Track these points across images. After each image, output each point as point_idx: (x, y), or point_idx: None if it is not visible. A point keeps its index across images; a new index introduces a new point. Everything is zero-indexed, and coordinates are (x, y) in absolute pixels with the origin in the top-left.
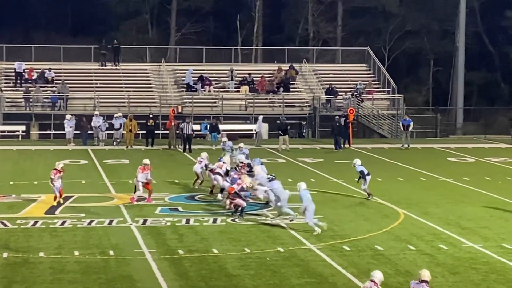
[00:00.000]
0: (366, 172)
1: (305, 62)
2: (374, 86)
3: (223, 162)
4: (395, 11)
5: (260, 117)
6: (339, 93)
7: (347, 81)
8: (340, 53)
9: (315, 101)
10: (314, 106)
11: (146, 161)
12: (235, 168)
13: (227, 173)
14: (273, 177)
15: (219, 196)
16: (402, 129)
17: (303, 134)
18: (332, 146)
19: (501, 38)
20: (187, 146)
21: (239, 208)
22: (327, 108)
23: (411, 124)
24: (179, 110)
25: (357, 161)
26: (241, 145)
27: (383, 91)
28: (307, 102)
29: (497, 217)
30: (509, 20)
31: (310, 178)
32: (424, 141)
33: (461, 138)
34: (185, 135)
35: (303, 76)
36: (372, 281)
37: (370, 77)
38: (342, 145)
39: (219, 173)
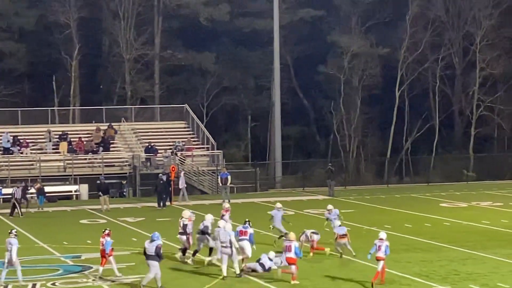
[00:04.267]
0: None
1: (123, 121)
2: (194, 143)
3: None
4: (211, 68)
5: (182, 173)
6: (159, 151)
7: (167, 138)
8: (159, 111)
9: (135, 159)
10: (134, 164)
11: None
12: None
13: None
14: None
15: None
16: (221, 183)
17: (124, 193)
18: (154, 204)
19: (315, 92)
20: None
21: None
22: (147, 167)
23: (229, 177)
24: None
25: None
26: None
27: (203, 148)
28: (127, 161)
29: (317, 268)
30: (322, 75)
31: (132, 238)
32: (245, 195)
33: (280, 191)
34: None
35: (122, 135)
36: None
37: (189, 134)
38: (167, 203)
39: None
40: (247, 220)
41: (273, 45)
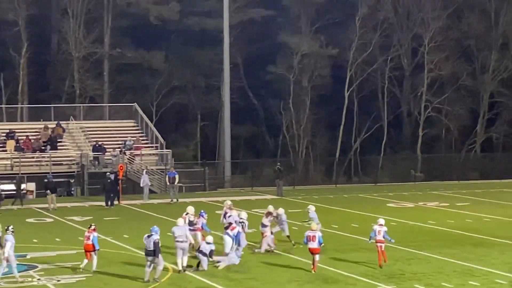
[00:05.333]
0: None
1: (72, 120)
2: (143, 142)
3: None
4: (161, 67)
5: (144, 171)
6: (108, 150)
7: (116, 137)
8: (108, 110)
9: (83, 158)
10: (82, 163)
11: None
12: None
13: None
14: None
15: None
16: (168, 182)
17: (72, 192)
18: (102, 203)
19: (265, 92)
20: None
21: None
22: (95, 165)
23: (177, 176)
24: None
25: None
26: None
27: (151, 147)
28: (75, 160)
29: (263, 266)
30: (272, 75)
31: (78, 237)
32: (193, 195)
33: (229, 191)
34: None
35: (71, 134)
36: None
37: (138, 133)
38: (114, 202)
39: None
40: (241, 218)
41: (223, 45)
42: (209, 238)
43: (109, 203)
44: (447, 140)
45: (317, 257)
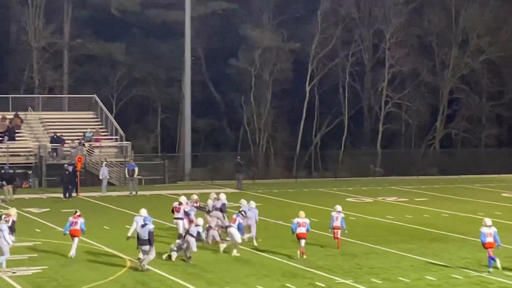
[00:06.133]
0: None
1: (30, 110)
2: (102, 133)
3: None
4: (122, 59)
5: (103, 163)
6: (66, 141)
7: (75, 129)
8: (67, 101)
9: (41, 149)
10: (40, 154)
11: None
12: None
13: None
14: None
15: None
16: (128, 175)
17: (29, 183)
18: (60, 195)
19: (226, 85)
20: None
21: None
22: (53, 157)
23: (136, 169)
24: None
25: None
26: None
27: (111, 139)
28: (33, 151)
29: (221, 260)
30: (233, 68)
31: (35, 228)
32: (153, 187)
33: (189, 184)
34: None
35: (29, 125)
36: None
37: (98, 125)
38: (73, 194)
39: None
40: (241, 210)
41: (184, 37)
42: (199, 221)
43: (67, 195)
44: (407, 136)
45: (303, 242)
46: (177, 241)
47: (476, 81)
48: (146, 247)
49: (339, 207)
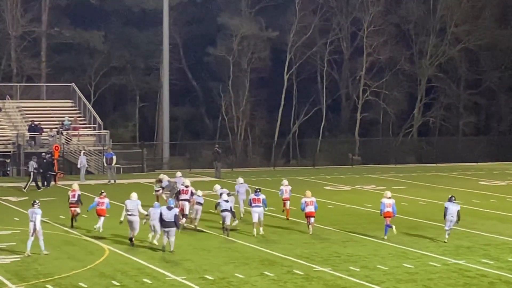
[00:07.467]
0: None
1: (8, 99)
2: (80, 122)
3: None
4: (100, 47)
5: (82, 152)
6: (45, 130)
7: (53, 117)
8: (45, 90)
9: (19, 138)
10: (19, 143)
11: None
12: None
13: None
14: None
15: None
16: (106, 163)
17: (8, 172)
18: (38, 183)
19: (204, 74)
20: None
21: None
22: (31, 145)
23: (114, 158)
24: None
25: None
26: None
27: (89, 127)
28: (11, 140)
29: (200, 248)
30: (211, 56)
31: (14, 217)
32: (131, 176)
33: (167, 172)
34: None
35: (7, 113)
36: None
37: (76, 113)
38: (51, 183)
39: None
40: (257, 188)
41: (162, 26)
42: (199, 192)
43: (45, 183)
44: (385, 124)
45: (312, 219)
46: (183, 220)
47: (454, 70)
48: (173, 230)
49: (285, 181)
